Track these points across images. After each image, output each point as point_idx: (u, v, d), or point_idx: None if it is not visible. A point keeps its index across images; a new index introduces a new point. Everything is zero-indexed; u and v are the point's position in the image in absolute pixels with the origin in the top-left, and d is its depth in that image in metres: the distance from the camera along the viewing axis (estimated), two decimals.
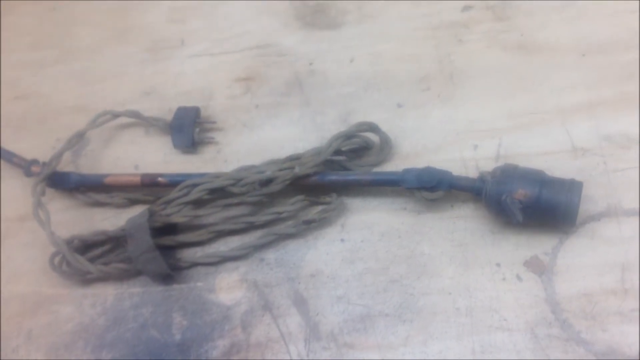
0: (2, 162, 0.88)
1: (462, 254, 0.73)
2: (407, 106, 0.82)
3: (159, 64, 0.93)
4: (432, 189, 0.73)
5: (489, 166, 0.75)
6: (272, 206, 0.79)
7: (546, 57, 0.81)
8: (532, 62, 0.81)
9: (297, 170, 0.76)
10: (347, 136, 0.78)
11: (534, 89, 0.79)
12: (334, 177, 0.77)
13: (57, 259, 0.79)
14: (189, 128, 0.85)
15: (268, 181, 0.77)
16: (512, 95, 0.80)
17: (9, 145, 0.90)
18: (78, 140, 0.86)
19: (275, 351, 0.73)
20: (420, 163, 0.76)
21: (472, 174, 0.76)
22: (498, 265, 0.72)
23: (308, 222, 0.77)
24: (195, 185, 0.78)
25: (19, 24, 1.00)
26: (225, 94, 0.88)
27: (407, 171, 0.74)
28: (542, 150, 0.76)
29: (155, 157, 0.87)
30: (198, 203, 0.79)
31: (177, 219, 0.78)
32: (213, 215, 0.79)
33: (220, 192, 0.78)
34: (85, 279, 0.79)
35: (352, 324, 0.72)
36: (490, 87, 0.81)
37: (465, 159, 0.77)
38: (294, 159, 0.78)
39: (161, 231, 0.78)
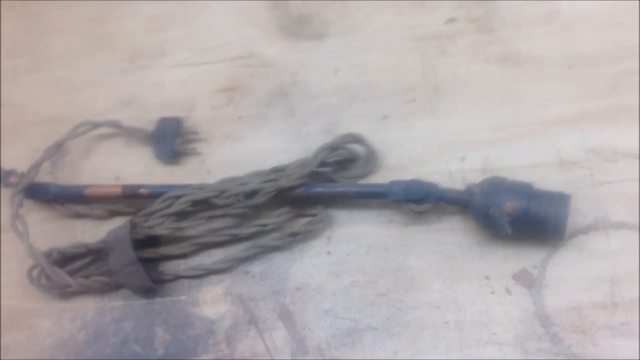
0: None
1: (450, 267, 0.73)
2: (392, 118, 0.81)
3: (138, 73, 0.91)
4: (419, 201, 0.73)
5: (475, 178, 0.74)
6: (256, 218, 0.78)
7: (531, 70, 0.81)
8: (517, 75, 0.81)
9: (282, 182, 0.75)
10: (333, 148, 0.77)
11: (519, 101, 0.79)
12: (320, 189, 0.76)
13: (35, 272, 0.77)
14: (170, 139, 0.83)
15: (252, 193, 0.76)
16: (498, 108, 0.79)
17: None
18: (57, 150, 0.84)
19: None
20: (406, 175, 0.76)
21: (459, 186, 0.75)
22: (487, 278, 0.71)
23: (294, 235, 0.76)
24: (178, 197, 0.77)
25: None
26: (208, 105, 0.87)
27: (394, 183, 0.74)
28: (529, 162, 0.75)
29: (137, 168, 0.85)
30: (181, 215, 0.78)
31: (160, 231, 0.77)
32: (196, 228, 0.78)
33: (203, 204, 0.77)
34: (65, 293, 0.78)
35: (340, 338, 0.72)
36: (475, 99, 0.80)
37: (452, 171, 0.77)
38: (279, 170, 0.77)
39: (143, 243, 0.77)
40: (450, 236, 0.74)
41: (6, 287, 0.79)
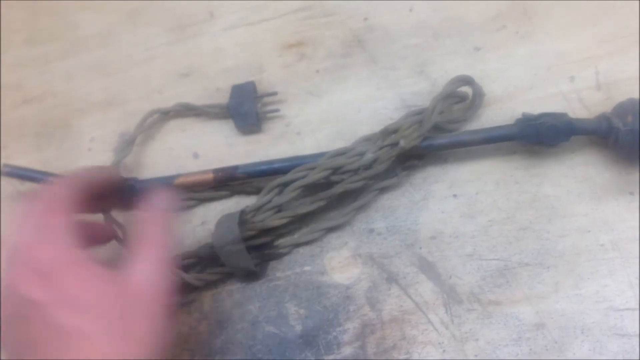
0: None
1: (590, 189, 0.70)
2: (485, 48, 0.77)
3: (189, 42, 0.84)
4: (553, 143, 0.69)
5: (592, 97, 0.72)
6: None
7: None
8: None
9: (403, 144, 0.69)
10: (446, 96, 0.72)
11: (618, 11, 0.76)
12: (440, 141, 0.71)
13: None
14: (250, 106, 0.77)
15: (371, 162, 0.71)
16: (597, 21, 0.76)
17: (30, 155, 0.81)
18: (130, 148, 0.77)
19: (414, 323, 0.68)
20: (515, 104, 0.73)
21: (576, 106, 0.72)
22: (632, 193, 0.69)
23: (408, 168, 0.73)
24: (286, 185, 0.71)
25: (6, 21, 0.89)
26: (278, 64, 0.81)
27: (523, 126, 0.69)
28: None
29: (215, 140, 0.79)
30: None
31: (275, 222, 0.71)
32: (310, 205, 0.72)
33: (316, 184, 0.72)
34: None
35: (492, 279, 0.69)
36: (571, 15, 0.76)
37: (564, 92, 0.74)
38: (391, 131, 0.71)
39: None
40: (580, 157, 0.71)
41: None
